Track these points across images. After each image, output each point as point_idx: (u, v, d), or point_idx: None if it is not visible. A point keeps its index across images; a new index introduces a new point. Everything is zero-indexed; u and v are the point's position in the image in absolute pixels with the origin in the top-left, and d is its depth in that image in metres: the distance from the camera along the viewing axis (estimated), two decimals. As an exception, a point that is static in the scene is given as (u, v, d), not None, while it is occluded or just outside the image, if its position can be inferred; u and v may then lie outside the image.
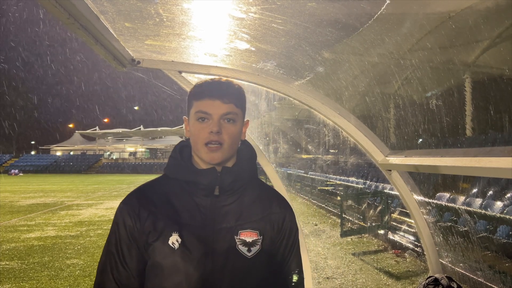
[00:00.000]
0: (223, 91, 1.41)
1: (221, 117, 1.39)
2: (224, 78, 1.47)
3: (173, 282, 1.35)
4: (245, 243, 1.41)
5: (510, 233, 6.54)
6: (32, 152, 79.23)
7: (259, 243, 1.43)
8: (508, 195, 8.06)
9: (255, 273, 1.42)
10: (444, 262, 2.96)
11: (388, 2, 1.84)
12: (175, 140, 72.26)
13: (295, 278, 1.52)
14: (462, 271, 5.39)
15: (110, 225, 1.44)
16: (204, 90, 1.42)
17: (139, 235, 1.39)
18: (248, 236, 1.42)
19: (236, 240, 1.40)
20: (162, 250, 1.36)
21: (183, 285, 1.35)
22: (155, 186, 1.49)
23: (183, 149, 1.52)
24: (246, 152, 1.53)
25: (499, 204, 7.80)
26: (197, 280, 1.35)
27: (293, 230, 1.53)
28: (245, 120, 1.50)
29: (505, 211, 7.39)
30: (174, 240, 1.36)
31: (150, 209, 1.41)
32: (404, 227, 9.60)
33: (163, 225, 1.39)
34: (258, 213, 1.46)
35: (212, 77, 1.49)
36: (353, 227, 11.25)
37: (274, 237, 1.47)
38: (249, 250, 1.40)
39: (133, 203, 1.43)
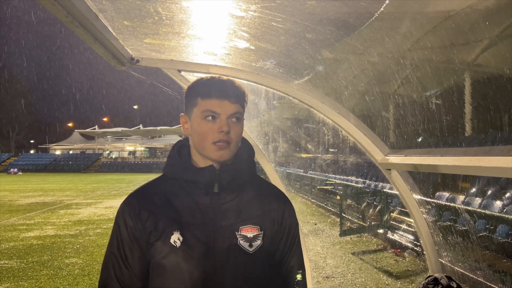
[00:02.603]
0: (231, 91, 1.42)
1: (228, 117, 1.40)
2: (225, 77, 1.48)
3: (176, 281, 1.37)
4: (246, 239, 1.42)
5: (510, 232, 6.55)
6: (31, 151, 79.16)
7: (260, 238, 1.44)
8: (508, 194, 8.06)
9: (257, 268, 1.43)
10: (443, 262, 2.96)
11: (388, 1, 1.83)
12: (175, 139, 72.21)
13: (296, 272, 1.52)
14: (461, 271, 5.39)
15: (110, 224, 1.45)
16: (212, 89, 1.41)
17: (140, 235, 1.40)
18: (249, 231, 1.43)
19: (237, 236, 1.42)
20: (164, 249, 1.38)
21: (186, 283, 1.36)
22: (155, 186, 1.50)
23: (181, 149, 1.52)
24: (244, 150, 1.53)
25: (498, 203, 7.81)
26: (200, 277, 1.37)
27: (293, 225, 1.55)
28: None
29: (504, 211, 7.39)
30: (175, 238, 1.38)
31: (150, 209, 1.42)
32: (403, 226, 9.60)
33: (164, 224, 1.40)
34: (258, 209, 1.48)
35: (212, 75, 1.49)
36: (352, 227, 11.25)
37: (274, 232, 1.49)
38: (250, 246, 1.42)
39: (133, 204, 1.45)
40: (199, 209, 1.42)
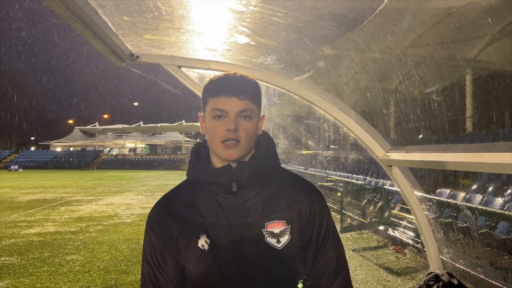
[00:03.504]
0: (239, 88, 1.38)
1: (237, 114, 1.36)
2: (239, 73, 1.44)
3: (208, 283, 1.37)
4: (273, 235, 1.39)
5: (511, 229, 6.54)
6: (32, 148, 79.35)
7: (288, 233, 1.40)
8: (509, 191, 8.05)
9: (288, 264, 1.40)
10: (444, 258, 2.95)
11: (390, -4, 1.82)
12: (175, 136, 72.39)
13: (335, 264, 1.45)
14: (462, 267, 5.38)
15: (110, 221, 1.45)
16: (220, 87, 1.39)
17: (169, 241, 1.41)
18: (275, 227, 1.39)
19: (264, 233, 1.39)
20: (193, 254, 1.38)
21: (219, 285, 1.36)
22: (179, 191, 1.51)
23: (200, 151, 1.51)
24: (263, 144, 1.51)
25: (499, 200, 7.79)
26: (231, 278, 1.36)
27: (324, 215, 1.48)
28: (260, 115, 1.48)
29: (505, 207, 7.38)
30: (203, 242, 1.37)
31: (175, 215, 1.43)
32: (404, 223, 9.59)
33: (190, 229, 1.40)
34: (282, 202, 1.43)
35: (227, 72, 1.45)
36: (353, 223, 11.24)
37: (303, 225, 1.43)
38: (278, 241, 1.39)
39: (159, 211, 1.46)
40: (222, 210, 1.40)
